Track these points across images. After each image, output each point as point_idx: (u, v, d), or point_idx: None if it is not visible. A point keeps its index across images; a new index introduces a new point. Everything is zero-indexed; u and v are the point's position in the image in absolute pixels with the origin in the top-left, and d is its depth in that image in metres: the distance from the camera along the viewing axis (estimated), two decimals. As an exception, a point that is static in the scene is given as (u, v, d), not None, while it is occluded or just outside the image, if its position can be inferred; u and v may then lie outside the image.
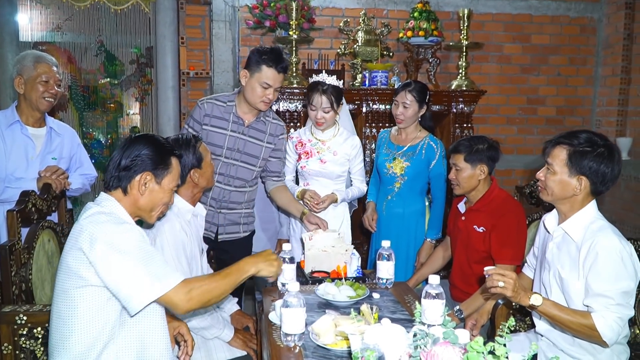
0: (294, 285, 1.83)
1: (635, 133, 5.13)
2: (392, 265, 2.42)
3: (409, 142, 3.25)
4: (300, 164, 3.14)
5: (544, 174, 2.05)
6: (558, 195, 2.02)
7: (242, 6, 4.84)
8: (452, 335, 1.17)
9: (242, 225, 3.00)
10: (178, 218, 2.26)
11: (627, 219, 4.95)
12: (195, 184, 2.35)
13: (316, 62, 4.82)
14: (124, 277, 1.62)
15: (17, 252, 2.13)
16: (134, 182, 1.80)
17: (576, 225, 2.01)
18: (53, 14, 5.50)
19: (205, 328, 2.24)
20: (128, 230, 1.69)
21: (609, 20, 5.33)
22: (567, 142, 1.99)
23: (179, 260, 2.18)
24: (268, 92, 2.74)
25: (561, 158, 1.99)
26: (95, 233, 1.65)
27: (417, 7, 4.75)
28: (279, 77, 2.74)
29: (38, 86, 2.75)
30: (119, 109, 6.05)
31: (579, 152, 1.96)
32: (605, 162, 1.94)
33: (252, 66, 2.74)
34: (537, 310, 1.92)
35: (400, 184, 3.23)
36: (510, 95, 5.40)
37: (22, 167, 2.77)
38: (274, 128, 2.97)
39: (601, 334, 1.82)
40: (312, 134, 3.15)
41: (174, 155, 1.90)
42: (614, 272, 1.86)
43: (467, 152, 2.71)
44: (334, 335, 1.82)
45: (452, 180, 2.77)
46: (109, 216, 1.73)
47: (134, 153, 1.80)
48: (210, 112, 2.84)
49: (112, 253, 1.63)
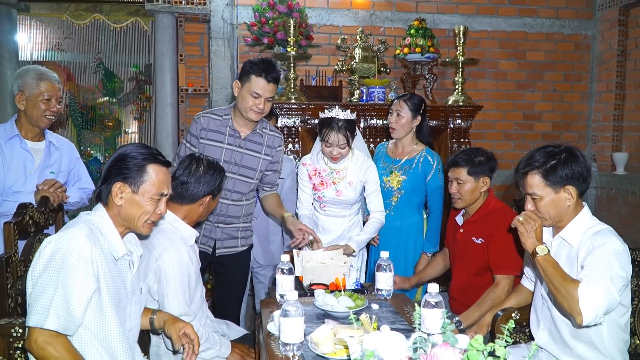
0: (292, 294, 1.82)
1: (631, 148, 5.17)
2: (391, 276, 2.41)
3: (406, 155, 3.26)
4: (316, 193, 3.08)
5: (532, 204, 2.06)
6: (557, 215, 2.04)
7: (240, 24, 4.89)
8: (452, 338, 1.17)
9: (240, 239, 2.98)
10: (185, 246, 2.22)
11: (625, 233, 4.94)
12: (201, 210, 2.35)
13: (314, 78, 4.85)
14: (38, 291, 1.65)
15: (13, 264, 2.12)
16: (112, 193, 1.81)
17: (574, 232, 2.03)
18: (53, 32, 5.54)
19: (203, 351, 2.21)
20: (76, 250, 1.68)
21: (603, 37, 5.39)
22: (531, 167, 2.03)
23: (183, 295, 2.14)
24: (258, 102, 2.72)
25: (537, 183, 2.02)
26: (56, 240, 1.70)
27: (414, 24, 4.81)
28: (268, 87, 2.71)
29: (40, 104, 2.74)
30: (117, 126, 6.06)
31: (549, 168, 1.99)
32: (575, 163, 1.99)
33: (243, 76, 2.75)
34: (536, 260, 1.92)
35: (398, 198, 3.23)
36: (507, 111, 5.45)
37: (21, 181, 2.77)
38: (272, 140, 2.94)
39: (580, 301, 1.77)
40: (326, 163, 3.06)
41: (155, 162, 1.86)
42: (607, 260, 1.85)
43: (469, 165, 2.72)
44: (333, 345, 1.81)
45: (454, 194, 2.76)
46: (86, 226, 1.76)
47: (112, 160, 1.84)
48: (207, 125, 2.83)
49: (41, 266, 1.67)
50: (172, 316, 2.02)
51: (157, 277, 2.12)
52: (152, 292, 2.15)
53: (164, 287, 2.11)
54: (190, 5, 4.79)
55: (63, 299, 1.63)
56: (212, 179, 2.33)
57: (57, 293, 1.62)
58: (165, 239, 2.17)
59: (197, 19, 4.95)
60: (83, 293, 1.66)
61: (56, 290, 1.62)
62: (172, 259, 2.12)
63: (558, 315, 2.05)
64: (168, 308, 2.10)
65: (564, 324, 2.03)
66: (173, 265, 2.11)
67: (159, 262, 2.11)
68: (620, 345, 1.97)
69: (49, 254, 1.66)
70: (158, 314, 2.03)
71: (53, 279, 1.63)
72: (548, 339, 2.12)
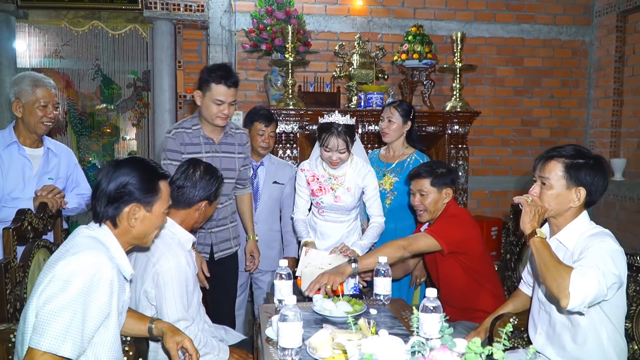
0: (290, 299, 1.82)
1: (629, 154, 5.18)
2: (389, 281, 2.42)
3: (397, 158, 3.35)
4: (315, 199, 3.09)
5: (538, 189, 2.04)
6: (555, 209, 2.03)
7: (238, 30, 4.91)
8: (450, 341, 1.17)
9: (233, 240, 3.09)
10: (183, 251, 2.22)
11: (623, 239, 4.95)
12: (197, 215, 2.35)
13: (312, 84, 4.87)
14: (50, 313, 1.57)
15: (12, 270, 2.12)
16: (123, 214, 1.77)
17: (570, 235, 2.02)
18: (51, 39, 5.54)
19: (201, 357, 2.20)
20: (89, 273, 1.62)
21: (600, 43, 5.42)
22: (560, 155, 2.01)
23: (181, 300, 2.14)
24: (222, 108, 2.78)
25: (557, 171, 2.00)
26: (75, 262, 1.61)
27: (411, 30, 4.83)
28: (230, 92, 2.77)
29: (37, 111, 2.74)
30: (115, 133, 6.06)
31: (575, 164, 1.98)
32: (599, 173, 1.98)
33: (203, 86, 2.80)
34: (532, 242, 1.92)
35: (391, 200, 3.29)
36: (504, 117, 5.46)
37: (19, 188, 2.77)
38: (240, 138, 3.06)
39: (570, 285, 1.75)
40: (325, 169, 3.06)
41: (163, 178, 1.87)
42: (601, 256, 1.84)
43: (432, 177, 2.74)
44: (331, 349, 1.81)
45: (417, 206, 2.78)
46: (102, 246, 1.71)
47: (120, 182, 1.76)
48: (183, 140, 2.88)
49: (58, 287, 1.58)
50: (171, 327, 2.00)
51: (155, 282, 2.12)
52: (150, 297, 2.15)
53: (162, 292, 2.11)
54: (189, 12, 4.80)
55: (80, 324, 1.57)
56: (208, 184, 2.33)
57: (75, 317, 1.56)
58: (163, 244, 2.17)
59: (196, 25, 4.96)
60: (99, 317, 1.63)
61: (74, 315, 1.56)
62: (170, 264, 2.12)
63: (556, 319, 2.05)
64: (166, 313, 2.10)
65: (563, 327, 2.03)
66: (171, 270, 2.11)
67: (157, 267, 2.12)
68: (618, 351, 1.97)
69: (67, 275, 1.58)
70: (156, 323, 2.02)
71: (72, 302, 1.56)
72: (545, 342, 2.12)
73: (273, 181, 3.47)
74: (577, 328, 1.97)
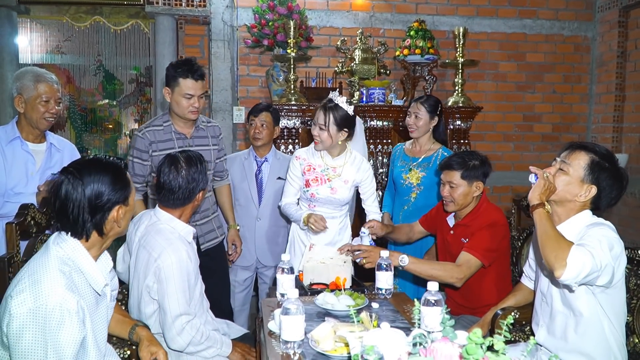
0: (293, 292, 1.83)
1: (631, 149, 5.18)
2: (390, 275, 2.42)
3: (423, 154, 3.35)
4: (309, 190, 2.97)
5: (555, 170, 2.06)
6: (560, 195, 2.04)
7: (240, 25, 4.91)
8: (452, 333, 1.17)
9: (217, 229, 3.14)
10: (183, 244, 2.22)
11: (624, 234, 4.92)
12: (195, 205, 2.36)
13: (314, 80, 4.87)
14: (23, 354, 1.52)
15: (15, 264, 2.12)
16: (109, 221, 1.73)
17: (572, 228, 2.03)
18: (53, 35, 5.55)
19: (203, 350, 2.22)
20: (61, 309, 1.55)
21: (603, 39, 5.41)
22: (591, 150, 2.02)
23: (183, 294, 2.15)
24: (192, 102, 2.82)
25: (581, 162, 2.01)
26: (30, 298, 1.53)
27: (413, 25, 4.83)
28: (198, 85, 2.81)
29: (39, 107, 2.73)
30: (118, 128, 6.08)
31: (601, 164, 1.99)
32: (618, 185, 2.01)
33: (170, 82, 2.83)
34: (537, 212, 1.97)
35: (417, 194, 3.30)
36: (507, 112, 5.46)
37: (22, 183, 2.77)
38: (212, 130, 3.11)
39: (569, 255, 1.77)
40: (322, 159, 2.99)
41: (126, 169, 1.82)
42: (598, 240, 1.86)
43: (462, 169, 2.68)
44: (334, 342, 1.82)
45: (446, 197, 2.74)
46: (61, 274, 1.60)
47: (93, 193, 1.67)
48: (154, 138, 2.90)
49: (22, 324, 1.51)
50: (149, 336, 2.01)
51: (156, 277, 2.13)
52: (152, 292, 2.16)
53: (164, 287, 2.11)
54: (191, 7, 4.80)
55: (56, 357, 1.53)
56: (198, 173, 2.29)
57: (48, 354, 1.52)
58: (164, 240, 2.17)
59: (197, 21, 4.96)
60: (74, 343, 1.56)
61: (47, 351, 1.51)
62: (172, 259, 2.13)
63: (557, 310, 2.06)
64: (168, 308, 2.11)
65: (564, 318, 2.03)
66: (172, 265, 2.12)
67: (158, 262, 2.12)
68: (619, 341, 1.98)
69: (25, 314, 1.51)
70: (137, 329, 2.04)
71: (39, 340, 1.51)
72: (547, 335, 2.12)
73: (277, 177, 3.47)
74: (579, 318, 1.98)
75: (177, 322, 2.12)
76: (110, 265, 1.88)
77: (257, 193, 3.46)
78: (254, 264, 3.53)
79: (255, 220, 3.46)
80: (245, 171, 3.48)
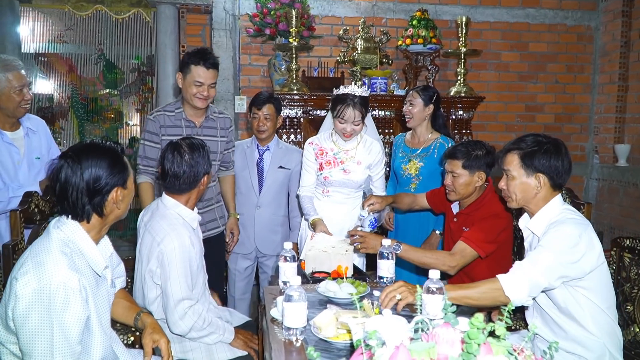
0: (295, 279, 1.84)
1: (633, 139, 5.17)
2: (392, 263, 2.42)
3: (422, 144, 3.36)
4: (322, 173, 3.04)
5: (505, 182, 2.15)
6: (522, 198, 2.12)
7: (242, 15, 4.90)
8: (453, 319, 1.18)
9: (220, 219, 3.19)
10: (187, 230, 2.23)
11: (626, 225, 4.96)
12: (201, 190, 2.36)
13: (316, 69, 4.86)
14: (30, 335, 1.56)
15: (20, 251, 2.14)
16: (108, 203, 1.75)
17: (540, 222, 2.10)
18: (55, 24, 5.54)
19: (206, 336, 2.24)
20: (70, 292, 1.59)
21: (606, 29, 5.38)
22: (515, 147, 2.13)
23: (185, 279, 2.16)
24: (202, 89, 2.86)
25: (515, 162, 2.11)
26: (34, 279, 1.57)
27: (416, 15, 4.81)
28: (209, 74, 2.85)
29: (14, 96, 2.72)
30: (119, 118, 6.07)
31: (528, 152, 2.08)
32: (554, 156, 2.06)
33: (183, 68, 2.89)
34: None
35: (416, 184, 3.32)
36: (509, 102, 5.45)
37: (12, 174, 2.79)
38: (223, 122, 3.13)
39: (505, 290, 1.92)
40: (334, 143, 3.06)
41: (122, 154, 1.84)
42: (548, 250, 1.93)
43: (465, 159, 2.67)
44: (336, 329, 1.83)
45: (448, 186, 2.75)
46: (62, 254, 1.64)
47: (92, 177, 1.71)
48: (164, 122, 2.95)
49: (29, 305, 1.55)
50: (153, 324, 2.02)
51: (159, 262, 2.15)
52: (155, 276, 2.18)
53: (167, 272, 2.13)
54: (192, -4, 4.79)
55: (62, 337, 1.56)
56: (202, 158, 2.30)
57: (54, 333, 1.55)
58: (168, 225, 2.20)
59: (199, 10, 4.95)
60: (79, 323, 1.60)
61: (53, 331, 1.55)
62: (174, 244, 2.15)
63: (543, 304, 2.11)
64: (170, 292, 2.13)
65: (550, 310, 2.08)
66: (175, 250, 2.14)
67: (161, 246, 2.14)
68: (606, 328, 2.00)
69: (30, 295, 1.55)
70: (142, 316, 2.05)
71: (45, 320, 1.54)
72: (541, 324, 2.15)
73: (279, 166, 3.48)
74: (564, 310, 2.02)
75: (179, 307, 2.14)
76: (110, 250, 1.92)
77: (258, 181, 3.47)
78: (253, 252, 3.54)
79: (255, 209, 3.48)
80: (247, 159, 3.49)
